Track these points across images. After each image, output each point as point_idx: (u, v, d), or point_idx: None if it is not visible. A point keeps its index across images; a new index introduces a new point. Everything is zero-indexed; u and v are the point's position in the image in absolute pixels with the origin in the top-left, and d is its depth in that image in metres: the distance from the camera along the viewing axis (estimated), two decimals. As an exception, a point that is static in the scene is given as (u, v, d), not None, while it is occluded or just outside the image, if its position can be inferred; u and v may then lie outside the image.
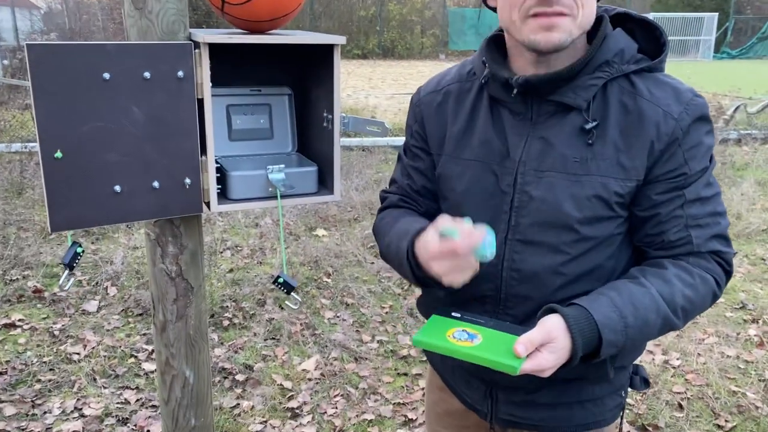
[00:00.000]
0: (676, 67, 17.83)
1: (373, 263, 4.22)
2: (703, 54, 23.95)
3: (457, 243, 1.01)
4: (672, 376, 3.01)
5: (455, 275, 1.05)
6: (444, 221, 1.07)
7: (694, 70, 16.67)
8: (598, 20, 1.15)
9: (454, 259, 1.04)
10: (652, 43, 1.17)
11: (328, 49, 1.45)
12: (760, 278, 4.09)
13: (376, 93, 12.65)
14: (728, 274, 1.16)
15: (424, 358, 3.09)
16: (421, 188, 1.35)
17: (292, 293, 1.54)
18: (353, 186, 5.93)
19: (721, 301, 3.69)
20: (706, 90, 12.75)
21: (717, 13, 24.05)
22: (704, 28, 23.89)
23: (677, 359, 3.15)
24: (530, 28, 1.07)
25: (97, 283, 3.79)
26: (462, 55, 23.64)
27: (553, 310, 1.06)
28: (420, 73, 17.69)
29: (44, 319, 3.40)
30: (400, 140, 7.80)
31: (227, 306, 3.55)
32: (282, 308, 3.53)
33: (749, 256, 4.43)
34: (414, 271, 1.15)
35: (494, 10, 1.18)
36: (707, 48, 24.00)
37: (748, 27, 26.36)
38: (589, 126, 1.10)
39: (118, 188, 1.29)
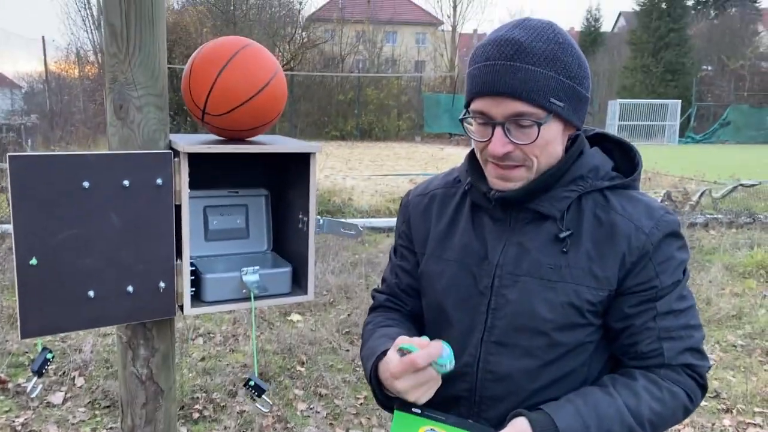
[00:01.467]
0: (644, 151, 18.33)
1: (348, 350, 4.17)
2: (669, 138, 24.90)
3: (416, 355, 1.06)
4: (650, 470, 2.97)
5: (418, 391, 1.09)
6: (402, 339, 1.11)
7: (661, 154, 17.28)
8: (575, 138, 1.22)
9: (415, 374, 1.07)
10: (627, 162, 1.25)
11: (305, 154, 1.51)
12: (732, 365, 4.11)
13: (353, 174, 12.85)
14: (702, 387, 1.19)
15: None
16: (407, 287, 1.40)
17: (263, 396, 1.53)
18: (329, 269, 5.92)
19: (695, 390, 3.70)
20: (673, 174, 13.18)
21: (680, 101, 25.19)
22: (669, 114, 24.95)
23: (654, 451, 3.11)
24: (489, 172, 1.18)
25: (64, 372, 3.68)
26: (437, 137, 24.28)
27: (520, 414, 1.10)
28: (396, 154, 18.07)
29: (6, 412, 3.28)
30: (376, 221, 7.89)
31: (198, 397, 3.46)
32: (254, 399, 3.45)
33: (720, 343, 4.47)
34: (376, 392, 1.19)
35: None
36: (673, 133, 24.99)
37: (709, 113, 27.60)
38: (563, 235, 1.16)
39: (92, 293, 1.30)
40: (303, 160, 1.52)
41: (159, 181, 1.33)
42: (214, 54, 1.38)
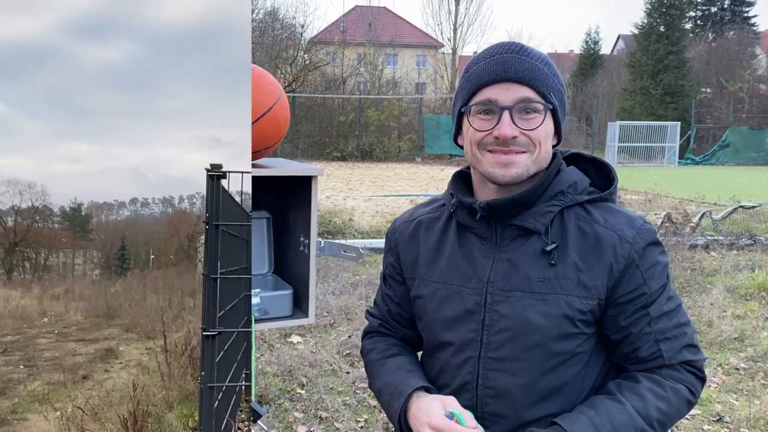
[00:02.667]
0: (644, 172, 18.48)
1: (348, 372, 4.15)
2: (668, 160, 24.98)
3: (461, 428, 1.10)
4: (653, 495, 2.94)
5: None
6: (452, 403, 1.16)
7: (661, 175, 17.32)
8: (552, 156, 1.27)
9: None
10: (603, 179, 1.30)
11: (307, 177, 1.52)
12: (735, 388, 4.08)
13: (354, 195, 12.88)
14: (701, 380, 1.24)
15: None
16: (396, 315, 1.43)
17: (259, 421, 1.52)
18: (330, 290, 5.91)
19: (697, 413, 3.67)
20: (674, 195, 13.21)
21: (679, 122, 25.31)
22: (668, 136, 25.06)
23: (657, 476, 3.08)
24: (489, 162, 1.20)
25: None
26: (437, 158, 24.38)
27: None
28: (397, 175, 18.13)
29: None
30: (377, 242, 7.87)
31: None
32: (252, 423, 3.43)
33: (723, 366, 4.44)
34: (403, 429, 1.22)
35: (462, 148, 1.29)
36: (672, 154, 25.07)
37: (709, 135, 27.72)
38: (549, 248, 1.19)
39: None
40: (304, 183, 1.53)
41: (162, 204, 1.34)
42: (218, 79, 1.40)
